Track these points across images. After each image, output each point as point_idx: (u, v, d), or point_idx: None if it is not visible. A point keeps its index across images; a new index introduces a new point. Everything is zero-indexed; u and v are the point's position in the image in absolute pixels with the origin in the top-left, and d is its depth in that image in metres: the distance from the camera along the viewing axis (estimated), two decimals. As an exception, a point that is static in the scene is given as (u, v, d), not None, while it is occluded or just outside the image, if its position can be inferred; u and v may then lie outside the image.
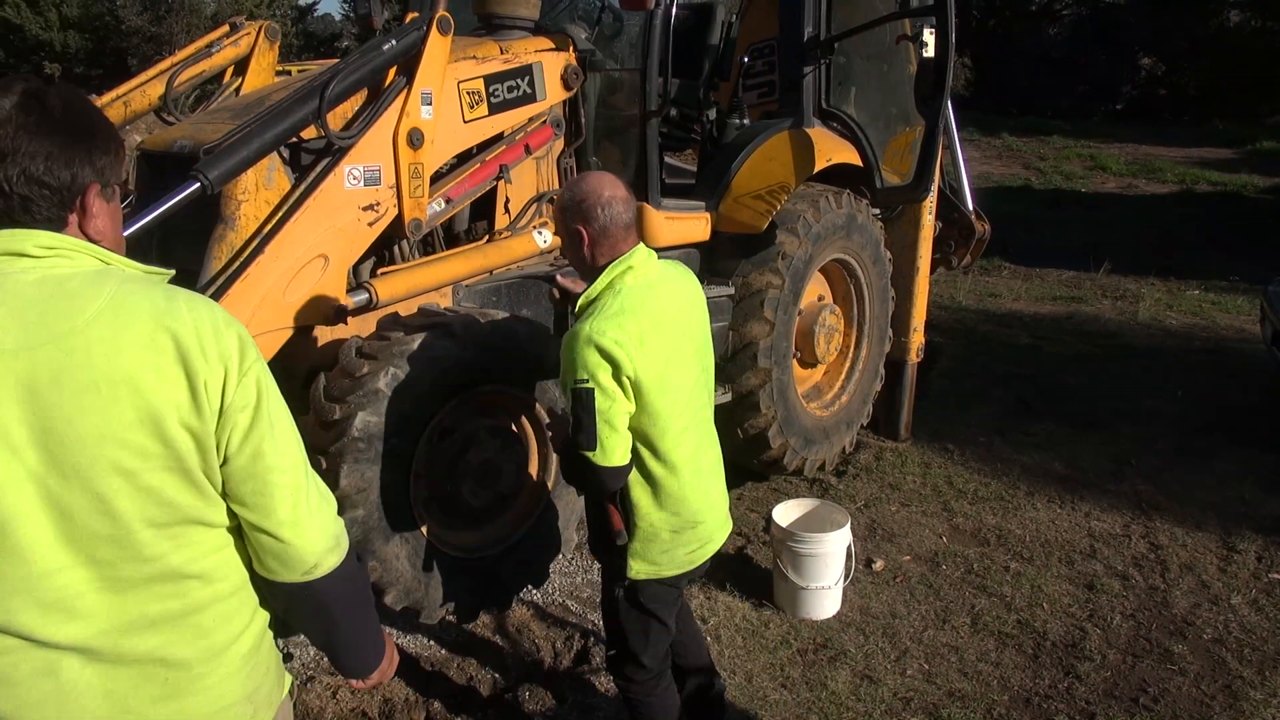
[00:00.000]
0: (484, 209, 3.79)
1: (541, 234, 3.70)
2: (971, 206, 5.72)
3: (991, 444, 5.38)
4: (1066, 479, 4.95)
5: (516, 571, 3.39)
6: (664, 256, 2.45)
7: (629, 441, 2.26)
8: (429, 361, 2.94)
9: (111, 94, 3.67)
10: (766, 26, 4.91)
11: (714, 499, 2.50)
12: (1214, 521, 4.48)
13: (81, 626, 1.27)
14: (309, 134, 3.09)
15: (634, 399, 2.22)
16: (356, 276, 3.37)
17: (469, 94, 3.50)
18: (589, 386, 2.15)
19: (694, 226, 4.24)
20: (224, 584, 1.40)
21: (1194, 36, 21.15)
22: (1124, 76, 22.53)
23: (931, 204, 5.25)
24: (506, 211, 3.78)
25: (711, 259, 4.38)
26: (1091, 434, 5.51)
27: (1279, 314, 5.83)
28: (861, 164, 4.61)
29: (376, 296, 3.20)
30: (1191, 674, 3.39)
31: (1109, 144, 16.89)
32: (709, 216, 4.29)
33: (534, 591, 3.75)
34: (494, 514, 3.34)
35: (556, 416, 2.82)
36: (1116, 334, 7.56)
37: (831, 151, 4.42)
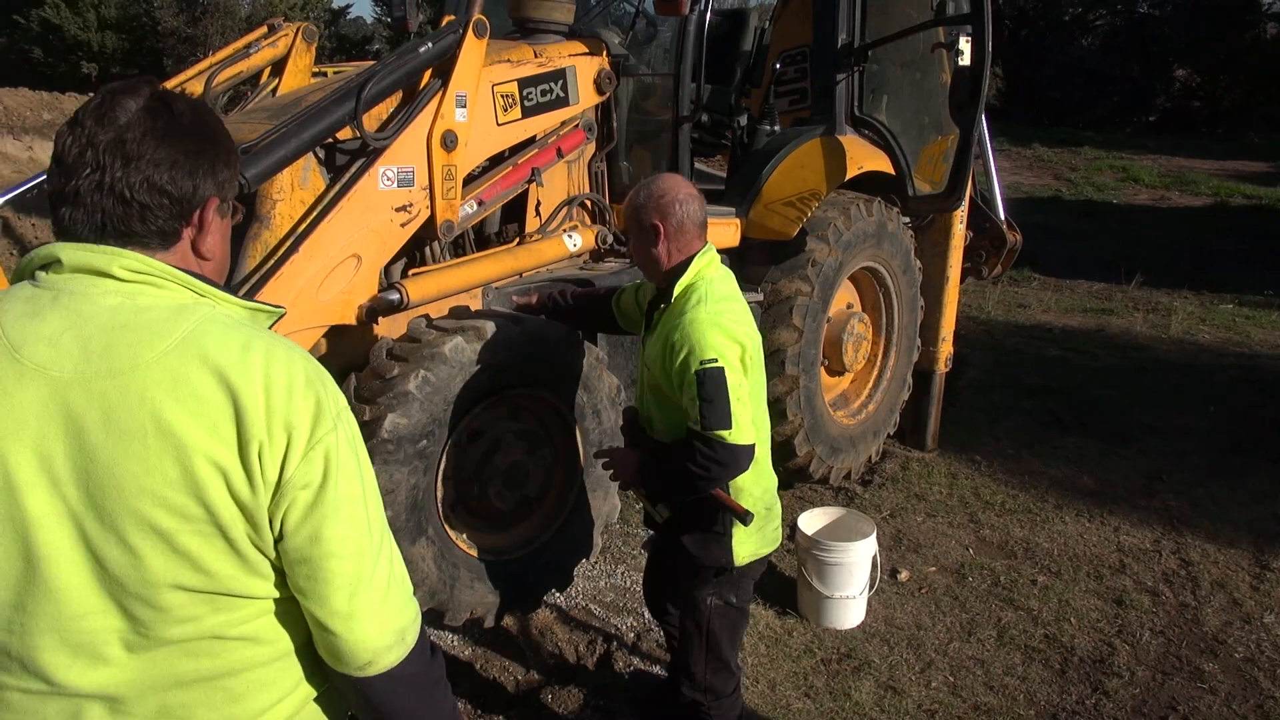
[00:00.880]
0: (515, 211, 3.81)
1: (572, 237, 3.71)
2: (1003, 216, 5.68)
3: (1019, 456, 5.33)
4: (1096, 493, 4.90)
5: (542, 575, 3.39)
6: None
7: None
8: (459, 364, 2.95)
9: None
10: (799, 33, 4.89)
11: (774, 476, 2.63)
12: (1247, 539, 4.41)
13: (108, 675, 1.17)
14: (344, 135, 3.11)
15: (748, 377, 2.33)
16: (388, 277, 3.39)
17: (503, 97, 3.52)
18: (719, 365, 2.20)
19: (724, 232, 4.24)
20: (269, 648, 1.26)
21: (1230, 48, 20.90)
22: (1158, 88, 22.30)
23: (963, 213, 5.22)
24: (538, 214, 3.80)
25: (741, 265, 4.36)
26: (1122, 448, 5.44)
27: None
28: (894, 172, 4.59)
29: (407, 297, 3.22)
30: (1222, 693, 3.34)
31: (1141, 155, 16.74)
32: (739, 222, 4.28)
33: (558, 595, 3.75)
34: (521, 517, 3.35)
35: (614, 451, 2.71)
36: (1148, 347, 7.48)
37: (863, 159, 4.40)
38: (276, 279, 2.87)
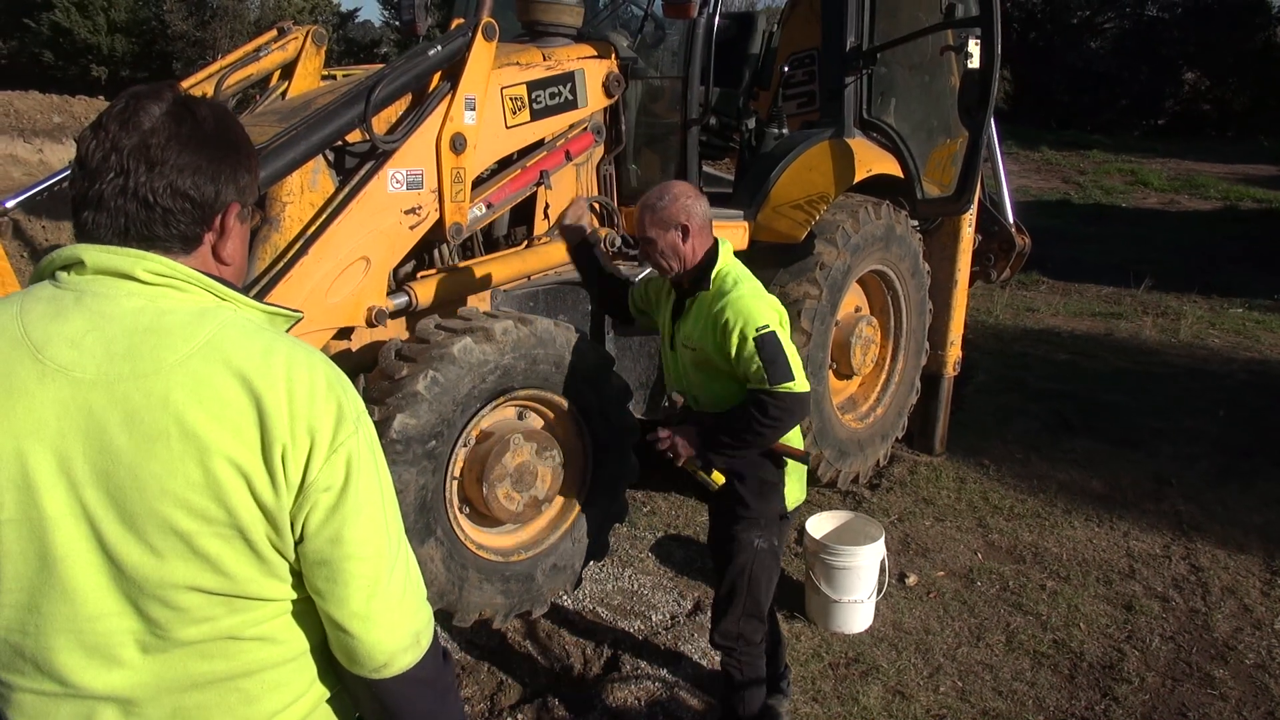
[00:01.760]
0: (523, 214, 3.81)
1: (580, 240, 3.71)
2: (1012, 219, 5.67)
3: (1028, 460, 5.31)
4: (1105, 497, 4.88)
5: (550, 576, 3.39)
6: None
7: None
8: (467, 365, 2.95)
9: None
10: (807, 36, 4.90)
11: None
12: (1257, 544, 4.39)
13: (122, 676, 1.17)
14: (354, 137, 3.12)
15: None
16: (397, 279, 3.40)
17: (512, 100, 3.52)
18: (771, 330, 2.51)
19: (732, 235, 4.23)
20: (284, 649, 1.26)
21: (1239, 51, 20.84)
22: (1166, 91, 22.24)
23: (972, 216, 5.21)
24: (546, 217, 3.80)
25: (749, 268, 4.35)
26: (1131, 453, 5.42)
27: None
28: (902, 175, 4.58)
29: (416, 299, 3.23)
30: (1233, 700, 3.32)
31: (1150, 159, 16.70)
32: (747, 225, 4.28)
33: (565, 597, 3.75)
34: (529, 518, 3.35)
35: (671, 430, 2.75)
36: (1157, 352, 7.45)
37: (872, 162, 4.39)
38: (286, 281, 2.88)
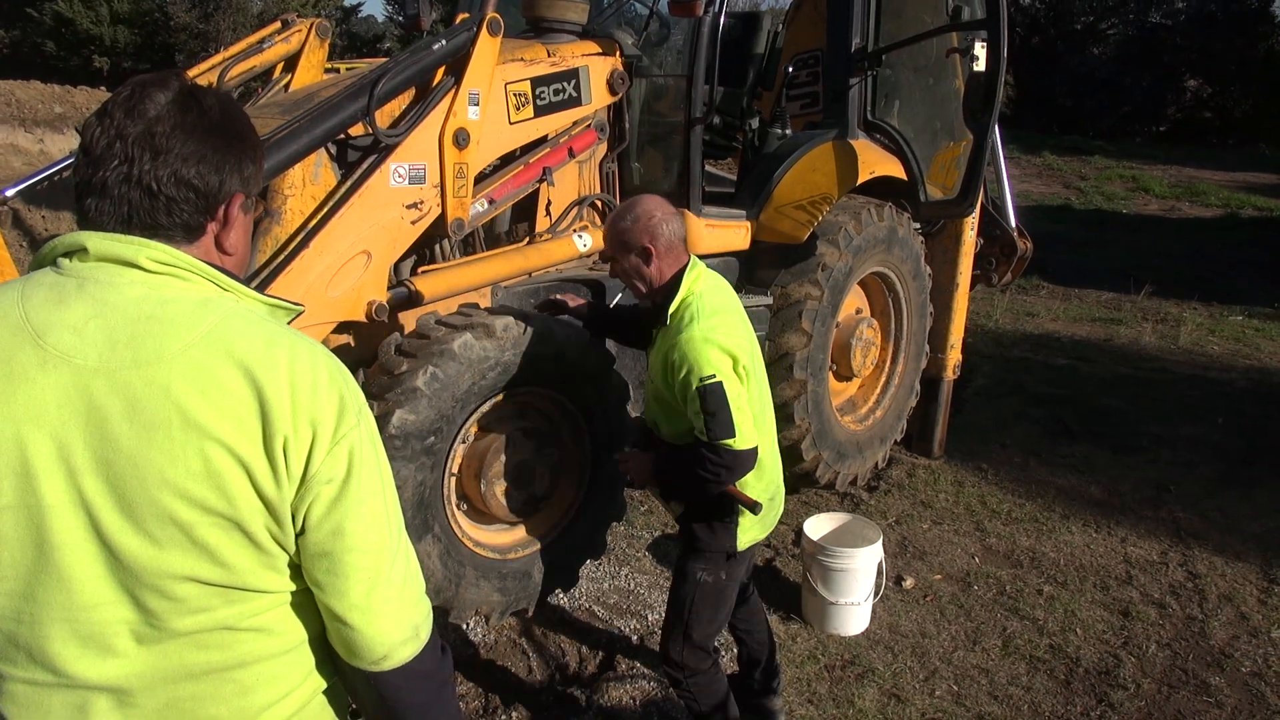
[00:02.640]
0: (526, 211, 3.80)
1: (582, 237, 3.70)
2: (1014, 223, 5.66)
3: (1026, 464, 5.31)
4: (1103, 503, 4.87)
5: (547, 574, 3.39)
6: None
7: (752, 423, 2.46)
8: (467, 361, 2.94)
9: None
10: (812, 37, 4.89)
11: (780, 466, 2.79)
12: (1255, 552, 4.38)
13: (117, 666, 1.16)
14: (356, 131, 3.10)
15: (745, 384, 2.46)
16: (397, 274, 3.38)
17: (515, 96, 3.51)
18: (717, 380, 2.35)
19: (734, 235, 4.23)
20: (280, 640, 1.25)
21: (1242, 59, 20.85)
22: (1169, 98, 22.25)
23: (974, 220, 5.20)
24: (548, 214, 3.79)
25: (750, 268, 4.36)
26: (1130, 459, 5.42)
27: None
28: (905, 177, 4.58)
29: (417, 295, 3.21)
30: (1229, 707, 3.32)
31: (1152, 165, 16.69)
32: (749, 225, 4.27)
33: (561, 596, 3.74)
34: (527, 516, 3.34)
35: (630, 454, 2.83)
36: (1156, 358, 7.44)
37: (875, 164, 4.39)
38: (287, 274, 2.87)
